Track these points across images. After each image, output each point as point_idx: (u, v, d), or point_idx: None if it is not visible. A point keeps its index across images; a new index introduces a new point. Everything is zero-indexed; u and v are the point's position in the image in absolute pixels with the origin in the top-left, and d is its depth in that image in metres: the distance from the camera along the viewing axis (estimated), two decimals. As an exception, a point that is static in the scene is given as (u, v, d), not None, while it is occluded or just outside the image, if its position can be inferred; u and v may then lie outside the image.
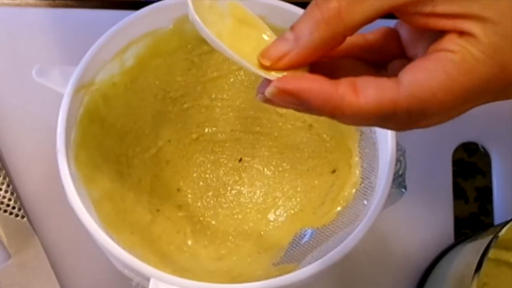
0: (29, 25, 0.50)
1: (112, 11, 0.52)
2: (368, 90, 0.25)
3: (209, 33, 0.27)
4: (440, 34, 0.26)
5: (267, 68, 0.28)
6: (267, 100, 0.27)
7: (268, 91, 0.27)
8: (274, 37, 0.29)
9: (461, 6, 0.25)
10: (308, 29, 0.27)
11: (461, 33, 0.25)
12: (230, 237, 0.44)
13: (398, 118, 0.26)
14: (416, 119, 0.26)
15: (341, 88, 0.26)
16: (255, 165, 0.47)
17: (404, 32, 0.29)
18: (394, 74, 0.26)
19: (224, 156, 0.47)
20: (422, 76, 0.25)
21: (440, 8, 0.25)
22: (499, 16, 0.25)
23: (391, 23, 0.30)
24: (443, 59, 0.25)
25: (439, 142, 0.50)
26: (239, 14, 0.30)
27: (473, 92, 0.26)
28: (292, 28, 0.27)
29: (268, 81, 0.27)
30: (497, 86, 0.26)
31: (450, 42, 0.25)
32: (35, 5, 0.52)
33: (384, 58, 0.29)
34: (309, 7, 0.27)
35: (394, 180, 0.39)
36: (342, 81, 0.26)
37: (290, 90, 0.26)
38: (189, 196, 0.45)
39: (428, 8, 0.25)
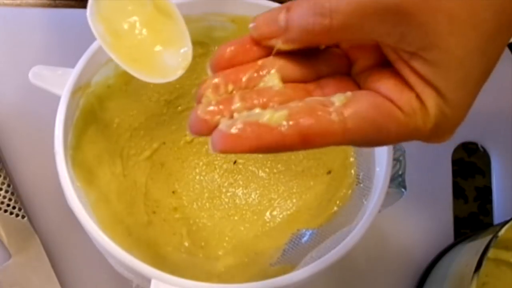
0: (29, 25, 0.50)
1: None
2: (316, 139, 0.27)
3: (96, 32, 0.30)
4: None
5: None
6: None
7: (216, 152, 0.27)
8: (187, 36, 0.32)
9: (430, 73, 0.27)
10: (301, 17, 0.27)
11: (418, 97, 0.27)
12: (227, 238, 0.45)
13: None
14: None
15: (289, 140, 0.27)
16: (250, 167, 0.48)
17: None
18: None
19: (219, 158, 0.48)
20: (367, 131, 0.27)
21: (415, 63, 0.27)
22: (454, 102, 0.27)
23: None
24: (392, 115, 0.27)
25: (439, 142, 0.50)
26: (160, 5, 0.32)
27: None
28: (287, 9, 0.28)
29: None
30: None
31: (404, 99, 0.27)
32: (35, 5, 0.52)
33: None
34: None
35: (393, 180, 0.39)
36: (289, 132, 0.27)
37: (236, 152, 0.27)
38: (185, 198, 0.46)
39: (406, 56, 0.27)
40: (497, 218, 0.51)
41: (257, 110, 0.27)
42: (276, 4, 0.41)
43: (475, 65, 0.27)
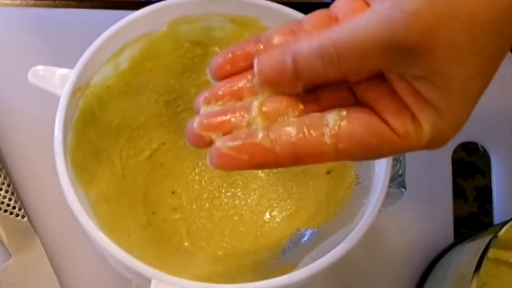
0: (29, 25, 0.50)
1: (112, 11, 0.52)
2: (308, 159, 0.28)
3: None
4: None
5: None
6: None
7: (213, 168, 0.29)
8: None
9: (434, 95, 0.27)
10: (311, 67, 0.28)
11: (414, 118, 0.28)
12: (226, 239, 0.45)
13: None
14: None
15: (281, 161, 0.28)
16: None
17: None
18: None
19: None
20: (359, 152, 0.28)
21: (417, 84, 0.27)
22: (453, 121, 0.28)
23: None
24: (386, 138, 0.28)
25: (439, 142, 0.50)
26: None
27: None
28: (293, 58, 0.28)
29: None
30: None
31: (400, 124, 0.28)
32: (35, 5, 0.51)
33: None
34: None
35: (393, 180, 0.39)
36: (282, 153, 0.28)
37: (231, 169, 0.29)
38: (184, 198, 0.47)
39: (409, 78, 0.27)
40: (497, 218, 0.51)
41: (253, 126, 0.28)
42: (275, 4, 0.41)
43: (476, 87, 0.28)
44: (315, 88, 0.30)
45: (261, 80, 0.29)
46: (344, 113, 0.28)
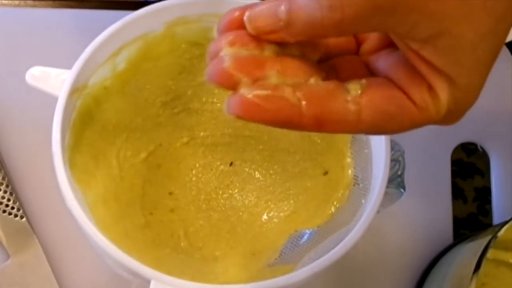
0: (28, 25, 0.51)
1: (112, 11, 0.52)
2: (330, 125, 0.27)
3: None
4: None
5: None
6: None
7: (230, 115, 0.27)
8: None
9: (442, 61, 0.27)
10: (306, 10, 0.26)
11: (430, 88, 0.27)
12: (224, 239, 0.45)
13: None
14: None
15: (305, 121, 0.27)
16: (246, 169, 0.48)
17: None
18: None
19: (215, 160, 0.48)
20: (380, 122, 0.27)
21: (425, 52, 0.27)
22: (467, 86, 0.27)
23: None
24: (406, 110, 0.27)
25: (438, 143, 0.51)
26: None
27: None
28: (288, 2, 0.26)
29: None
30: None
31: (418, 93, 0.27)
32: (34, 6, 0.51)
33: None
34: None
35: (392, 180, 0.39)
36: (309, 112, 0.27)
37: (252, 120, 0.27)
38: (181, 199, 0.47)
39: (415, 45, 0.27)
40: (496, 219, 0.51)
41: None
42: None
43: (487, 48, 0.26)
44: (328, 59, 0.29)
45: (253, 30, 0.27)
46: (364, 81, 0.27)
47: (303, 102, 0.26)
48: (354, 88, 0.27)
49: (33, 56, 0.51)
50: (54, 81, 0.39)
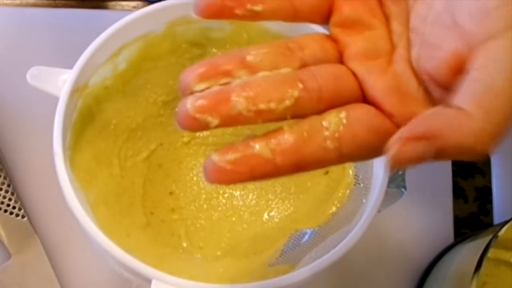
0: (28, 25, 0.51)
1: (112, 11, 0.51)
2: (311, 166, 0.26)
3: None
4: None
5: None
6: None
7: (208, 182, 0.26)
8: None
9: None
10: None
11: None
12: (225, 239, 0.45)
13: None
14: None
15: (283, 171, 0.26)
16: None
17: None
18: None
19: None
20: (363, 155, 0.27)
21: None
22: None
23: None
24: (390, 136, 0.25)
25: (439, 142, 0.50)
26: None
27: None
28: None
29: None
30: None
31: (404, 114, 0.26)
32: (34, 5, 0.51)
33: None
34: None
35: (393, 180, 0.39)
36: (284, 163, 0.26)
37: (229, 183, 0.26)
38: (182, 199, 0.47)
39: None
40: (497, 218, 0.51)
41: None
42: None
43: (497, 24, 0.24)
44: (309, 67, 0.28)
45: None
46: (343, 114, 0.26)
47: (277, 156, 0.25)
48: (334, 122, 0.26)
49: (34, 56, 0.51)
50: (55, 81, 0.39)
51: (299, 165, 0.26)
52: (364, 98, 0.28)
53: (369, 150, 0.26)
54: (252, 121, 0.27)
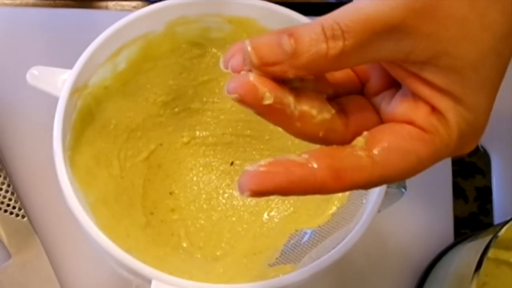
0: (28, 25, 0.51)
1: (112, 11, 0.52)
2: (348, 174, 0.26)
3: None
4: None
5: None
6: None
7: (245, 194, 0.26)
8: None
9: (445, 80, 0.26)
10: (311, 42, 0.26)
11: (434, 109, 0.27)
12: (225, 239, 0.45)
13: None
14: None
15: (320, 175, 0.26)
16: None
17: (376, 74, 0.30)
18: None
19: (216, 159, 0.48)
20: (396, 160, 0.27)
21: (426, 73, 0.26)
22: (474, 106, 0.27)
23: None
24: (415, 137, 0.27)
25: (439, 142, 0.50)
26: None
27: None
28: (290, 34, 0.26)
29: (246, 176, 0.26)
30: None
31: (422, 117, 0.27)
32: (34, 5, 0.51)
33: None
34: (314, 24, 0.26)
35: (393, 180, 0.38)
36: (320, 167, 0.26)
37: (267, 190, 0.26)
38: (182, 199, 0.47)
39: (415, 68, 0.27)
40: (497, 218, 0.51)
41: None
42: (273, 5, 0.41)
43: (491, 67, 0.26)
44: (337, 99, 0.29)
45: (256, 59, 0.25)
46: (366, 133, 0.27)
47: (312, 160, 0.26)
48: (359, 141, 0.27)
49: (34, 56, 0.51)
50: (55, 81, 0.39)
51: (335, 168, 0.26)
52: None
53: (400, 155, 0.26)
54: (291, 122, 0.27)
